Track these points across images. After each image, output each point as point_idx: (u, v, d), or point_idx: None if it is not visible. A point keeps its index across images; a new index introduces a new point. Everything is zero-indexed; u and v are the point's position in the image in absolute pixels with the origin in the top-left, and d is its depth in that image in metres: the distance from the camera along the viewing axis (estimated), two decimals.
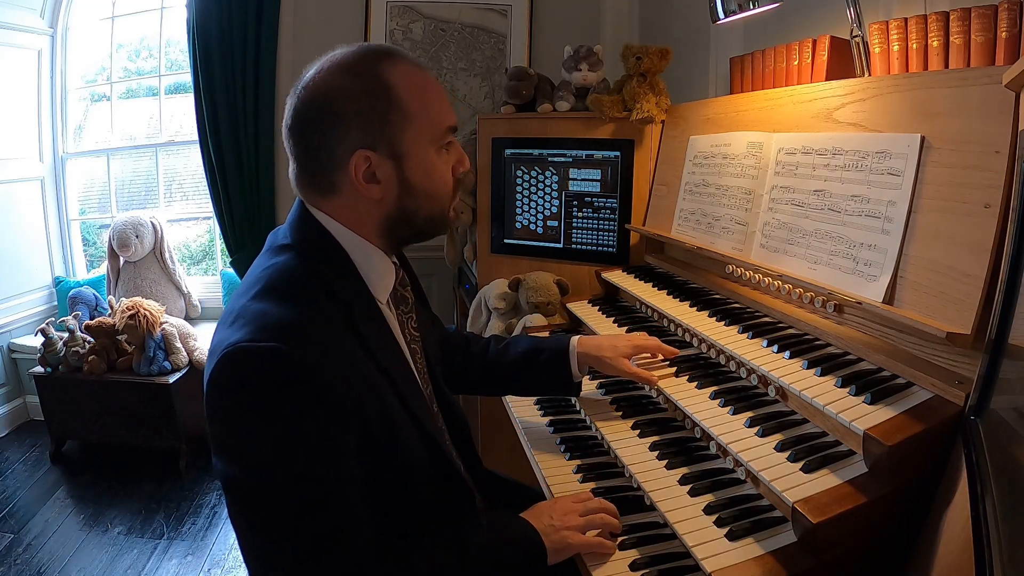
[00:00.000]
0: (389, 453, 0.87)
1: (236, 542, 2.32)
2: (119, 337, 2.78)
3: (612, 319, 1.66)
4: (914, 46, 1.19)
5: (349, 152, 0.86)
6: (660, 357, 1.32)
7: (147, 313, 2.72)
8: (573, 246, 2.01)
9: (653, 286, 1.65)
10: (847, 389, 1.00)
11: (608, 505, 1.06)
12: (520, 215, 2.07)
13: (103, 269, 3.31)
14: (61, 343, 2.76)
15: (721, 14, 1.41)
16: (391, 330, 0.96)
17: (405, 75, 0.88)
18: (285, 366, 0.77)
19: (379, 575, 0.83)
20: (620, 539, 1.03)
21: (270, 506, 0.79)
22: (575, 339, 1.29)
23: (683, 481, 1.07)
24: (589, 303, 1.84)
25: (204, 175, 3.00)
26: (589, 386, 1.45)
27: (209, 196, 3.02)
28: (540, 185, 2.02)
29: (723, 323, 1.33)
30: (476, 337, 1.38)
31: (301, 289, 0.85)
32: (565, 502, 1.05)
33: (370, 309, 0.92)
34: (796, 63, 1.50)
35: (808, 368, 1.08)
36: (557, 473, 1.22)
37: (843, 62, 1.38)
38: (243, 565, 2.29)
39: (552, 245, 2.03)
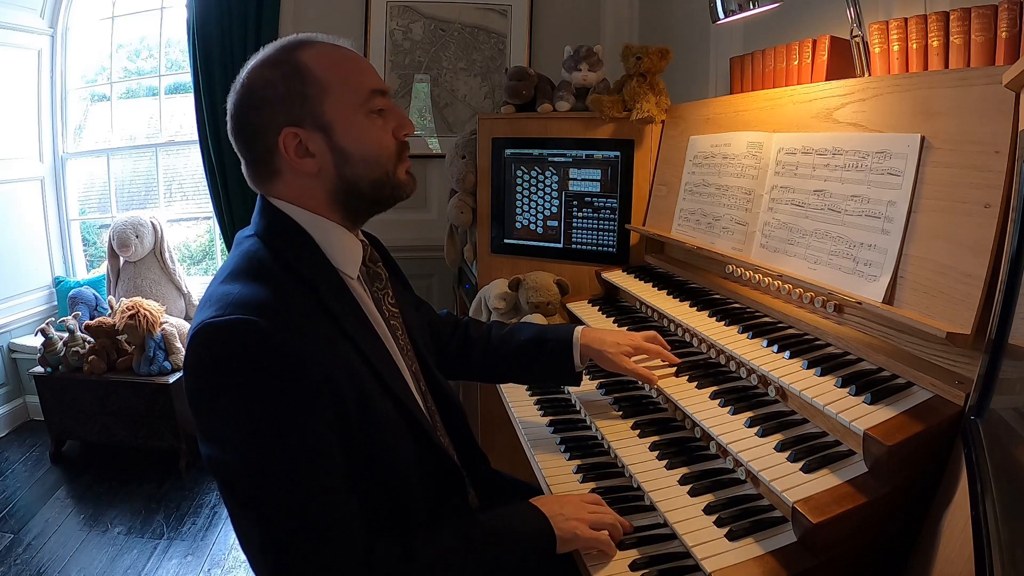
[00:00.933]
0: (366, 427, 0.87)
1: (236, 542, 2.33)
2: (119, 337, 2.78)
3: (612, 319, 1.66)
4: (914, 46, 1.19)
5: (276, 133, 0.89)
6: (659, 360, 1.32)
7: (147, 313, 2.72)
8: (573, 246, 2.01)
9: (653, 286, 1.65)
10: (847, 389, 1.00)
11: (616, 515, 1.04)
12: (520, 215, 2.07)
13: (103, 269, 3.31)
14: (61, 343, 2.76)
15: (721, 14, 1.41)
16: (362, 306, 0.96)
17: (318, 54, 0.91)
18: (251, 337, 0.78)
19: (378, 555, 0.83)
20: (621, 538, 1.02)
21: (253, 482, 0.80)
22: (579, 330, 1.29)
23: (683, 481, 1.07)
24: (589, 303, 1.84)
25: (204, 175, 3.00)
26: (589, 386, 1.45)
27: (209, 196, 3.02)
28: (540, 185, 2.02)
29: (723, 323, 1.33)
30: (475, 322, 1.38)
31: (266, 270, 0.88)
32: (575, 498, 1.06)
33: (337, 286, 0.93)
34: (796, 63, 1.50)
35: (808, 368, 1.08)
36: (557, 473, 1.22)
37: (843, 62, 1.38)
38: (243, 565, 2.30)
39: (552, 245, 2.03)
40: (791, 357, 1.13)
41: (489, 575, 0.91)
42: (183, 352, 2.79)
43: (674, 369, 1.30)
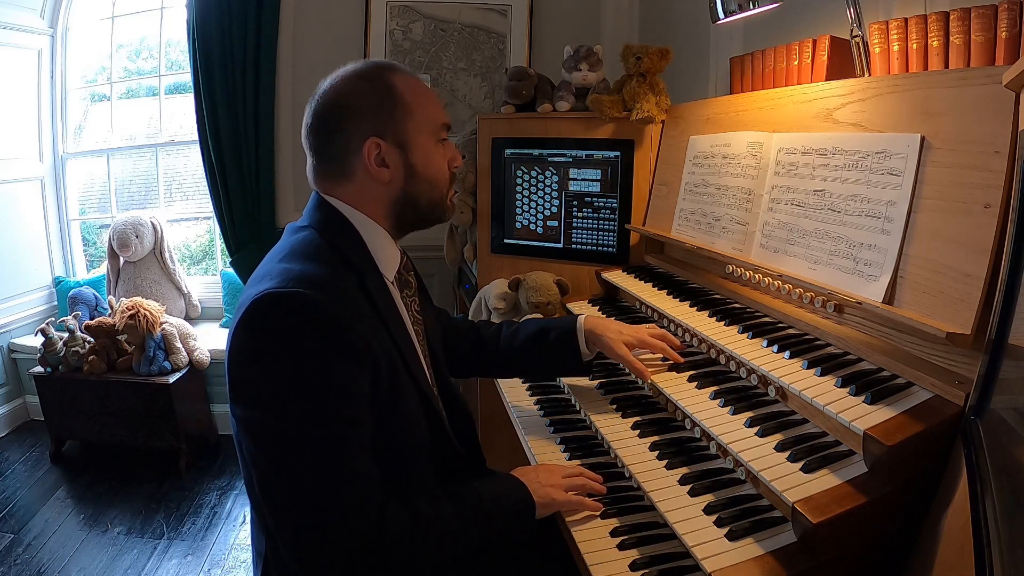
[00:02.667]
0: (392, 412, 0.95)
1: (236, 542, 2.33)
2: (119, 337, 2.78)
3: (612, 319, 1.66)
4: (914, 46, 1.19)
5: (362, 139, 0.99)
6: (661, 357, 1.33)
7: (147, 313, 2.72)
8: (573, 246, 2.01)
9: (653, 286, 1.65)
10: (847, 389, 1.00)
11: (587, 472, 1.14)
12: (520, 215, 2.07)
13: (103, 269, 3.31)
14: (61, 343, 2.76)
15: (721, 14, 1.41)
16: (396, 306, 1.06)
17: (406, 80, 1.03)
18: (309, 310, 0.87)
19: (388, 515, 0.90)
20: (620, 539, 1.03)
21: (293, 445, 0.86)
22: (583, 317, 1.35)
23: (683, 481, 1.07)
24: (589, 303, 1.84)
25: (204, 175, 2.99)
26: (589, 384, 1.45)
27: (209, 196, 3.01)
28: (540, 185, 2.02)
29: (723, 323, 1.33)
30: (486, 323, 1.46)
31: (322, 254, 0.96)
32: (548, 466, 1.15)
33: (379, 282, 1.02)
34: (796, 63, 1.50)
35: (808, 368, 1.08)
36: None
37: (843, 62, 1.38)
38: (243, 565, 2.29)
39: (552, 245, 2.03)
40: (791, 357, 1.13)
41: (479, 535, 0.99)
42: (183, 352, 2.81)
43: (668, 364, 1.31)
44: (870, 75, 1.28)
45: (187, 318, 3.23)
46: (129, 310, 2.72)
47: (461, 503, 0.98)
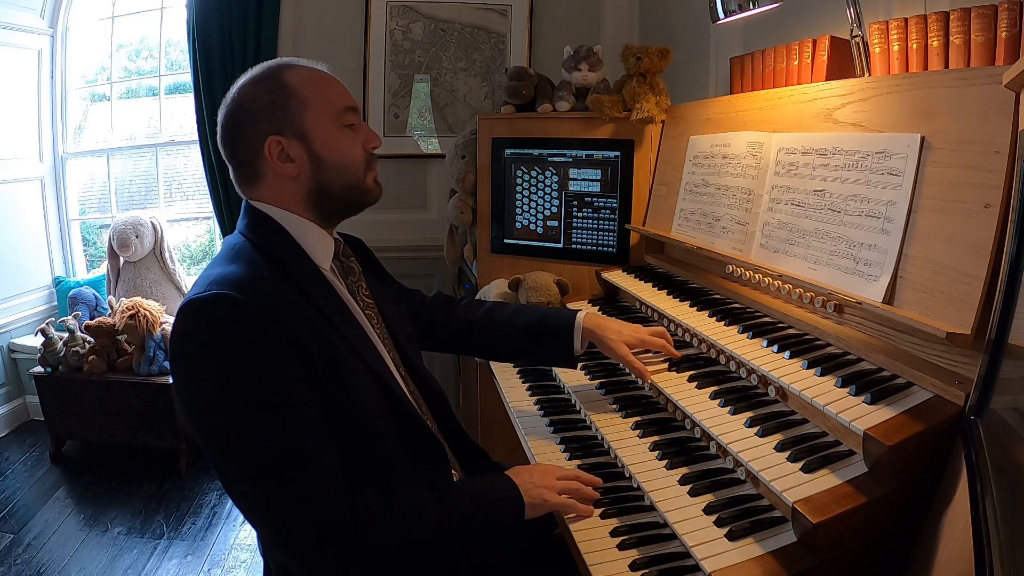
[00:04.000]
0: (339, 398, 0.95)
1: (236, 542, 2.33)
2: (119, 337, 2.78)
3: (611, 318, 1.65)
4: (914, 46, 1.19)
5: (262, 140, 1.00)
6: (662, 355, 1.33)
7: (147, 313, 2.72)
8: (573, 246, 2.01)
9: (653, 286, 1.65)
10: (847, 389, 1.00)
11: (583, 474, 1.14)
12: (520, 215, 2.07)
13: (103, 269, 3.31)
14: (61, 343, 2.76)
15: (721, 14, 1.41)
16: (337, 293, 1.06)
17: (299, 73, 1.03)
18: (228, 308, 0.88)
19: (359, 498, 0.91)
20: (621, 539, 1.03)
21: (238, 443, 0.88)
22: (582, 314, 1.35)
23: (683, 481, 1.07)
24: (589, 303, 1.84)
25: (204, 175, 2.99)
26: (589, 385, 1.45)
27: (209, 196, 3.01)
28: (540, 185, 2.02)
29: (723, 323, 1.33)
30: (475, 303, 1.45)
31: (244, 255, 0.98)
32: (544, 467, 1.15)
33: (311, 271, 1.03)
34: (796, 63, 1.50)
35: (808, 368, 1.08)
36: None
37: (843, 62, 1.38)
38: (243, 565, 2.30)
39: (552, 245, 2.03)
40: (791, 357, 1.13)
41: (459, 529, 0.98)
42: None
43: (666, 364, 1.31)
44: (870, 75, 1.28)
45: None
46: (129, 310, 2.72)
47: (444, 494, 0.99)
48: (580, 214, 1.98)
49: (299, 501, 0.88)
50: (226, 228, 3.00)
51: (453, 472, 1.15)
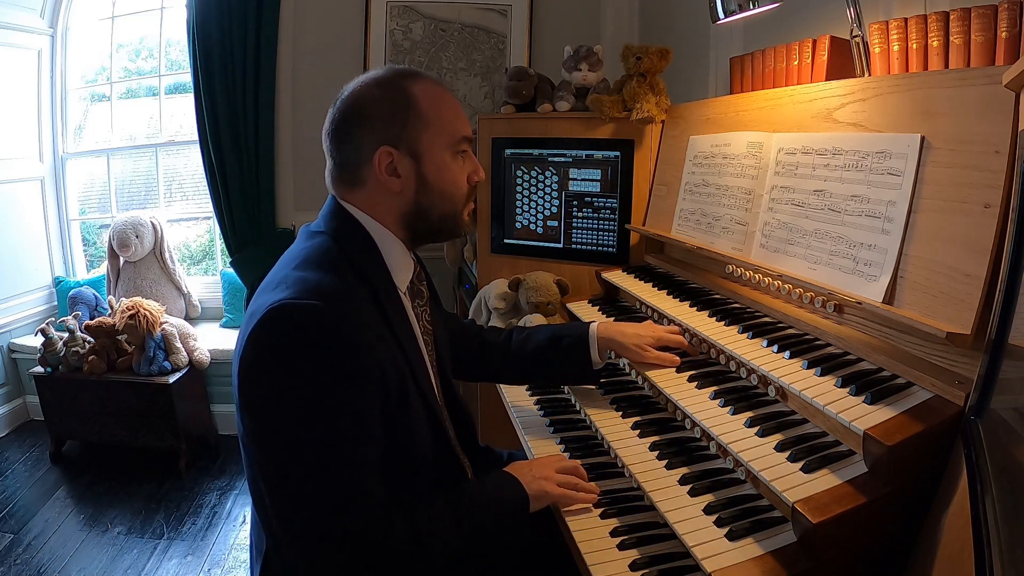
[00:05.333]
0: (400, 417, 0.96)
1: (236, 542, 2.33)
2: (119, 337, 2.78)
3: (612, 319, 1.66)
4: (914, 46, 1.19)
5: (374, 148, 0.98)
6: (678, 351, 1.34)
7: (147, 313, 2.72)
8: (573, 246, 2.01)
9: (653, 286, 1.65)
10: (847, 389, 1.00)
11: (581, 468, 1.16)
12: (520, 215, 2.07)
13: (103, 269, 3.31)
14: (61, 343, 2.76)
15: (721, 14, 1.41)
16: (408, 317, 1.06)
17: (426, 89, 1.01)
18: (324, 324, 0.87)
19: (393, 531, 0.90)
20: (620, 539, 1.03)
21: (302, 462, 0.87)
22: (595, 325, 1.34)
23: (683, 481, 1.07)
24: (589, 303, 1.84)
25: (204, 175, 2.99)
26: (589, 385, 1.45)
27: (209, 196, 3.01)
28: (540, 185, 2.02)
29: (723, 323, 1.33)
30: (493, 329, 1.45)
31: (336, 264, 0.96)
32: (542, 459, 1.17)
33: (391, 291, 1.02)
34: (796, 63, 1.50)
35: (808, 368, 1.08)
36: None
37: (843, 62, 1.38)
38: (243, 565, 2.29)
39: (552, 245, 2.03)
40: (791, 357, 1.13)
41: (476, 536, 0.99)
42: (183, 352, 2.81)
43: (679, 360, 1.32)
44: (870, 75, 1.28)
45: (187, 318, 3.23)
46: (129, 310, 2.72)
47: (458, 509, 0.99)
48: (580, 214, 1.98)
49: (341, 533, 0.87)
50: (226, 228, 3.00)
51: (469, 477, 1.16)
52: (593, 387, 1.44)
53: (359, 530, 0.88)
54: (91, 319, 2.85)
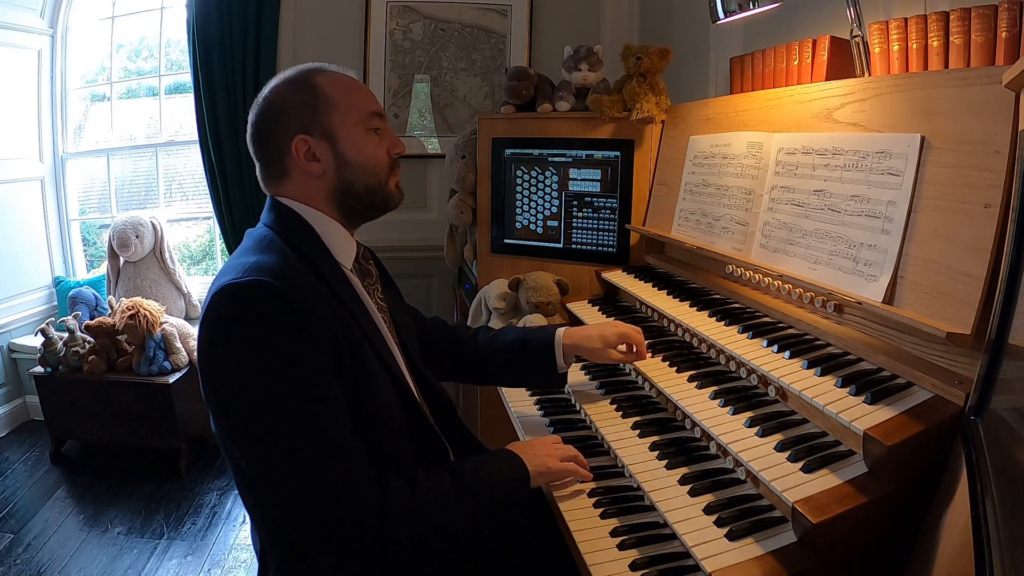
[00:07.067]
0: (360, 391, 0.98)
1: (236, 542, 2.33)
2: (119, 337, 2.78)
3: (612, 319, 1.66)
4: (914, 46, 1.19)
5: (290, 138, 1.04)
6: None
7: (147, 313, 2.72)
8: (573, 246, 2.01)
9: (653, 286, 1.65)
10: (847, 389, 1.00)
11: (578, 454, 1.18)
12: (520, 215, 2.07)
13: (103, 269, 3.30)
14: (61, 343, 2.76)
15: (721, 14, 1.41)
16: (357, 291, 1.09)
17: (330, 77, 1.07)
18: (267, 296, 0.90)
19: (390, 488, 0.93)
20: (621, 539, 1.03)
21: (275, 432, 0.89)
22: (561, 331, 1.35)
23: (683, 481, 1.07)
24: (589, 303, 1.84)
25: (204, 175, 2.99)
26: (589, 384, 1.45)
27: (209, 196, 3.01)
28: (540, 185, 2.02)
29: (723, 323, 1.33)
30: (463, 326, 1.47)
31: (276, 247, 1.01)
32: (541, 439, 1.21)
33: (334, 268, 1.06)
34: (796, 63, 1.50)
35: (808, 368, 1.08)
36: None
37: (843, 62, 1.38)
38: (243, 565, 2.29)
39: (552, 245, 2.03)
40: (791, 357, 1.13)
41: (477, 505, 1.01)
42: (183, 352, 2.81)
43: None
44: (870, 75, 1.28)
45: (187, 318, 3.23)
46: (129, 310, 2.71)
47: (458, 474, 1.01)
48: (580, 214, 1.98)
49: (334, 490, 0.89)
50: (226, 228, 3.01)
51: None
52: (593, 387, 1.44)
53: (352, 487, 0.90)
54: (91, 319, 2.85)
